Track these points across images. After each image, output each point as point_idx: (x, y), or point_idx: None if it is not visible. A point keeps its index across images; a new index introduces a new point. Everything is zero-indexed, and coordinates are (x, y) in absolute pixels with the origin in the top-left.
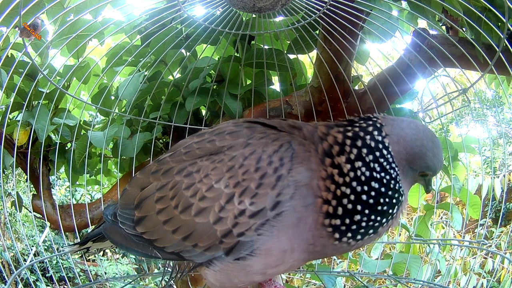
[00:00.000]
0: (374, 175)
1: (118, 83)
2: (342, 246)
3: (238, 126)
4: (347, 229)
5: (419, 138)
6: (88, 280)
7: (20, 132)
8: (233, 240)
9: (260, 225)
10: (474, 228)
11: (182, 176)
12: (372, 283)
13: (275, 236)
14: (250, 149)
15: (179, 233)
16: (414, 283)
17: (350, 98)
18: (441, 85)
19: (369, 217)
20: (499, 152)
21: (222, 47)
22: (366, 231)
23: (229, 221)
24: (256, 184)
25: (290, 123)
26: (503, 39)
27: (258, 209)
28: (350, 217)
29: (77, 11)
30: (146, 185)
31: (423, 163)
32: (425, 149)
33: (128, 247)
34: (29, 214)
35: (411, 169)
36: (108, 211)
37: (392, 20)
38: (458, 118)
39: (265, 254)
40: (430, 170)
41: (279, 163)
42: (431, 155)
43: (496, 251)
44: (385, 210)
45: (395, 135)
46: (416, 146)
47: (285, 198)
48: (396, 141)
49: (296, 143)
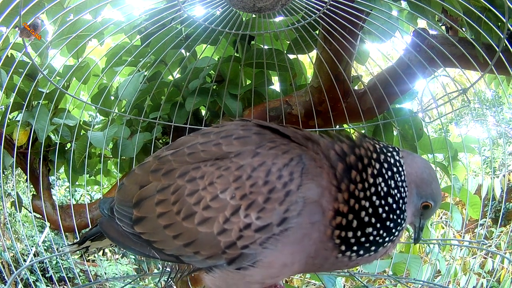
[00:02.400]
0: (390, 191)
1: (118, 83)
2: (342, 261)
3: (247, 131)
4: (356, 241)
5: (427, 167)
6: (88, 280)
7: (20, 132)
8: (237, 251)
9: (265, 239)
10: (474, 228)
11: (185, 181)
12: (372, 283)
13: (279, 250)
14: (259, 160)
15: (181, 240)
16: (414, 283)
17: (350, 98)
18: (441, 85)
19: (378, 232)
20: (498, 152)
21: (222, 47)
22: (370, 246)
23: (233, 233)
24: (264, 198)
25: (306, 134)
26: (503, 39)
27: (264, 224)
28: (363, 230)
29: (77, 11)
30: (145, 184)
31: (429, 189)
32: (431, 178)
33: (125, 245)
34: (29, 215)
35: (417, 196)
36: (105, 205)
37: (392, 20)
38: (458, 118)
39: (266, 266)
40: (433, 199)
41: (289, 178)
42: (436, 185)
43: (496, 251)
44: (391, 227)
45: (409, 159)
46: (425, 172)
47: (292, 215)
48: (409, 163)
49: (308, 158)
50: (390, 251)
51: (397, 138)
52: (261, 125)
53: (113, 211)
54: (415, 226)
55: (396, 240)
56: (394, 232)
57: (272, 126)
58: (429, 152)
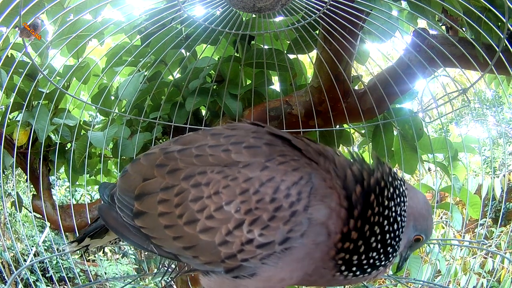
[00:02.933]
0: (397, 217)
1: (118, 83)
2: (337, 279)
3: (258, 140)
4: (358, 264)
5: (427, 203)
6: (88, 280)
7: (20, 132)
8: (236, 263)
9: (266, 255)
10: (474, 228)
11: (190, 185)
12: (372, 283)
13: (279, 267)
14: (267, 175)
15: (181, 242)
16: (414, 283)
17: (350, 98)
18: (441, 85)
19: (379, 256)
20: (499, 152)
21: (222, 47)
22: (367, 269)
23: (234, 246)
24: (269, 216)
25: (319, 149)
26: (503, 39)
27: (266, 241)
28: (367, 254)
29: (77, 11)
30: (149, 177)
31: (425, 225)
32: (428, 214)
33: (123, 235)
34: (29, 214)
35: (413, 228)
36: (105, 190)
37: (392, 20)
38: (458, 118)
39: (264, 280)
40: (425, 234)
41: (297, 197)
42: (430, 222)
43: (496, 251)
44: (390, 252)
45: (412, 192)
46: (424, 208)
47: (295, 235)
48: (411, 196)
49: (318, 177)
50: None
51: (397, 138)
52: (273, 134)
53: (114, 198)
54: (402, 255)
55: (389, 265)
56: (390, 257)
57: (285, 135)
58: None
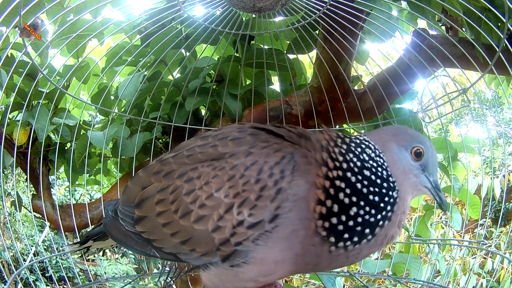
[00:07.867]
0: (365, 164)
1: (118, 83)
2: (338, 254)
3: (242, 132)
4: (344, 227)
5: (394, 126)
6: (88, 280)
7: (20, 132)
8: (230, 248)
9: (257, 235)
10: (473, 228)
11: (183, 181)
12: (372, 283)
13: (269, 246)
14: (251, 159)
15: (178, 237)
16: (414, 283)
17: (350, 98)
18: (441, 85)
19: (364, 209)
20: (498, 152)
21: (222, 47)
22: (363, 229)
23: (227, 230)
24: (255, 196)
25: (299, 131)
26: (503, 39)
27: (256, 220)
28: (346, 213)
29: (77, 11)
30: (147, 185)
31: (407, 136)
32: (404, 128)
33: (127, 244)
34: (28, 214)
35: (399, 149)
36: (109, 206)
37: (392, 20)
38: (457, 118)
39: (259, 263)
40: (419, 142)
41: (280, 175)
42: (412, 131)
43: (495, 251)
44: (378, 201)
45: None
46: (394, 127)
47: (283, 212)
48: (373, 133)
49: (299, 155)
50: (394, 232)
51: None
52: (256, 127)
53: (117, 212)
54: (427, 188)
55: (393, 217)
56: (384, 206)
57: (267, 127)
58: None
